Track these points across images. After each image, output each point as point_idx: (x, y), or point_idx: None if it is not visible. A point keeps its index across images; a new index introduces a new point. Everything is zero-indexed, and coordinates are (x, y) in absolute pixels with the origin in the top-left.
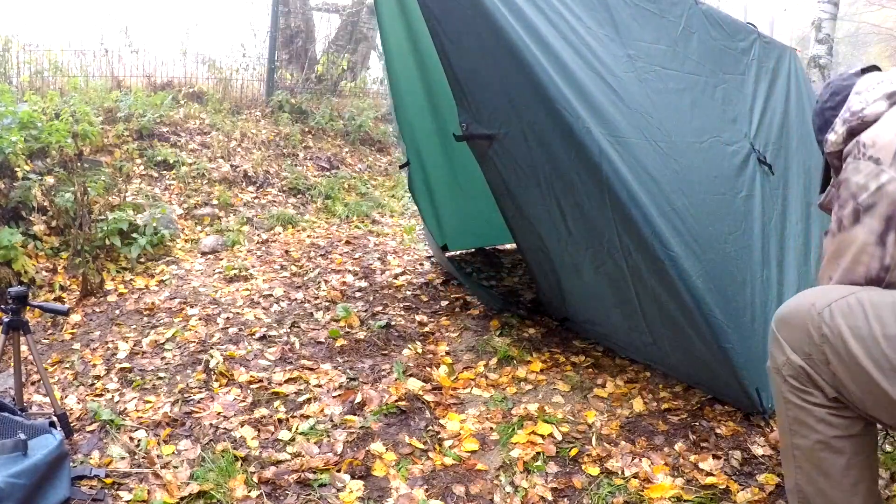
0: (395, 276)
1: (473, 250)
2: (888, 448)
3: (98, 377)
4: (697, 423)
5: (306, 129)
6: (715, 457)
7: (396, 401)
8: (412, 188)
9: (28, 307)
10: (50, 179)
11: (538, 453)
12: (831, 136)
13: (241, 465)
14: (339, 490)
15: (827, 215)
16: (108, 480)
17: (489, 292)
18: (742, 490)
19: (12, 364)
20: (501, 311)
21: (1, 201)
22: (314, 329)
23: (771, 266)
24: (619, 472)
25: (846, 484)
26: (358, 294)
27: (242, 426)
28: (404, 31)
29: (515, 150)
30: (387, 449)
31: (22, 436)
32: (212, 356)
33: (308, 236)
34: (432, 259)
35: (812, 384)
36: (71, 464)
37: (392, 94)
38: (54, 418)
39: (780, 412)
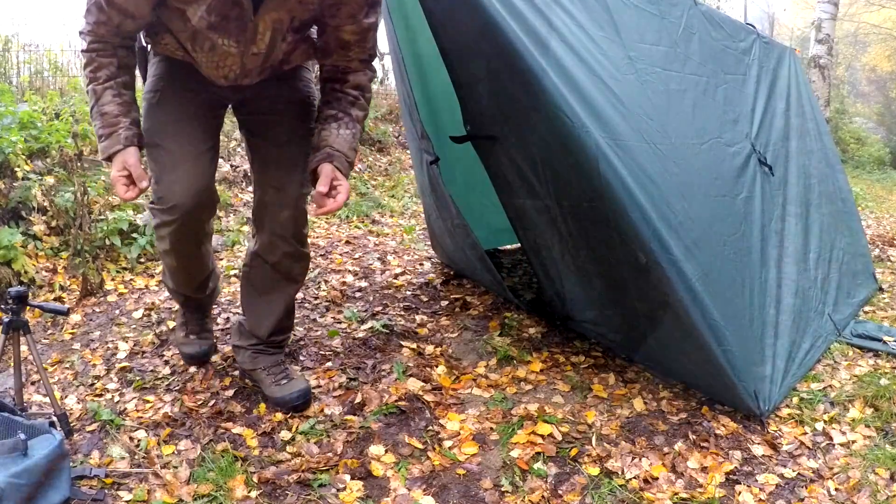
0: (395, 276)
1: None
2: (888, 448)
3: (98, 377)
4: (697, 423)
5: None
6: (715, 457)
7: (396, 401)
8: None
9: (28, 307)
10: (50, 179)
11: (538, 453)
12: None
13: (241, 465)
14: (339, 490)
15: (826, 216)
16: (108, 480)
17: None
18: (742, 490)
19: (12, 364)
20: (507, 301)
21: (1, 201)
22: (314, 329)
23: (769, 268)
24: (619, 472)
25: None
26: (358, 294)
27: (242, 426)
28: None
29: (517, 152)
30: (386, 449)
31: (22, 436)
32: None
33: (308, 236)
34: (432, 259)
35: None
36: (71, 464)
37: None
38: (54, 418)
39: None
